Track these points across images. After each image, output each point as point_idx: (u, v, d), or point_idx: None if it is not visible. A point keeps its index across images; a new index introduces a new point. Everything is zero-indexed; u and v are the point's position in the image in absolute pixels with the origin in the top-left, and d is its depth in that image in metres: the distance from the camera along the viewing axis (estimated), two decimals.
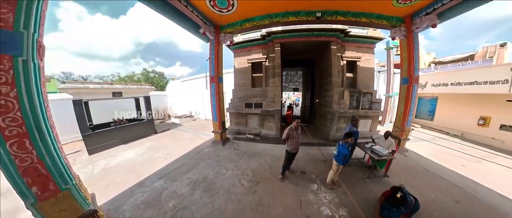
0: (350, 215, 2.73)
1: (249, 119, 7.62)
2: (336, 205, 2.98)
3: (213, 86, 6.04)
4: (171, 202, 2.94)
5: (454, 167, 4.52)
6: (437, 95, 9.04)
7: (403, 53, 5.26)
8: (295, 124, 3.52)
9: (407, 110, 5.26)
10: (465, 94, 7.42)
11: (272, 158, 4.96)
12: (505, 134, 6.25)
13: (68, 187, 1.87)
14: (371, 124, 7.09)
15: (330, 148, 5.85)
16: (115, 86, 6.54)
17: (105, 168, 4.42)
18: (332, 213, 2.78)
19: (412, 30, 4.86)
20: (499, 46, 12.86)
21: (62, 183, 1.82)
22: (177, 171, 4.07)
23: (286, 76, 17.51)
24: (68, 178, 1.89)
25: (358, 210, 2.83)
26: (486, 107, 6.90)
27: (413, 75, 5.04)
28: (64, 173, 1.84)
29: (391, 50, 9.63)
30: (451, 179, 3.86)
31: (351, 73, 7.36)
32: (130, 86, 7.10)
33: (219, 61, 5.98)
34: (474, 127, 7.24)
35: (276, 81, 7.16)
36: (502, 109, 6.38)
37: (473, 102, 7.36)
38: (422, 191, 3.27)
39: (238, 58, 8.04)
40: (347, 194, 3.25)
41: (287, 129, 3.50)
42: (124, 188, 3.40)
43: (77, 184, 2.01)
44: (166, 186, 3.41)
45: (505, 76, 5.79)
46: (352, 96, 6.82)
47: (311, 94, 10.42)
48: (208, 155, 5.18)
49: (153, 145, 6.31)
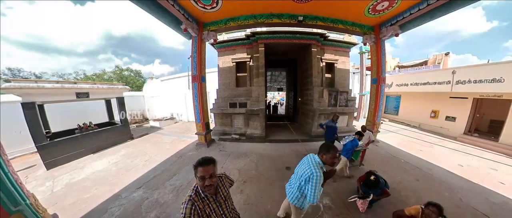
0: (332, 203, 2.97)
1: (234, 119, 7.52)
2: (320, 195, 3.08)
3: (196, 86, 5.78)
4: (153, 212, 2.66)
5: (414, 152, 5.42)
6: (400, 94, 10.72)
7: (373, 57, 6.05)
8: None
9: (377, 106, 6.04)
10: (421, 93, 8.98)
11: (258, 157, 4.95)
12: (449, 123, 7.89)
13: (19, 209, 1.53)
14: (347, 119, 7.84)
15: (313, 143, 6.27)
16: (79, 86, 5.59)
17: (69, 183, 3.82)
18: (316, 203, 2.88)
19: (380, 37, 5.69)
20: (444, 54, 16.19)
21: (11, 204, 1.47)
22: (158, 178, 3.73)
23: (270, 76, 17.89)
24: (20, 198, 1.54)
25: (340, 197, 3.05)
26: (436, 103, 8.48)
27: (381, 76, 5.87)
28: (13, 192, 1.49)
29: (363, 54, 10.91)
30: (412, 162, 4.66)
31: (329, 74, 8.00)
32: (100, 86, 6.23)
33: (201, 60, 5.76)
34: (428, 119, 8.83)
35: (260, 81, 7.23)
36: (447, 104, 7.99)
37: (426, 99, 8.93)
38: (391, 174, 3.84)
39: (222, 57, 7.90)
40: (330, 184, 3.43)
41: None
42: (95, 204, 2.98)
43: (32, 204, 1.66)
44: (146, 196, 3.09)
45: (448, 78, 7.29)
46: (330, 95, 7.41)
47: (294, 94, 10.83)
48: (192, 158, 4.89)
49: (130, 152, 5.73)
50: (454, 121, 7.67)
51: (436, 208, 1.82)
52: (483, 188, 3.41)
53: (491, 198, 3.08)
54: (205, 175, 1.20)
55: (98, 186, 3.63)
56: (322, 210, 2.80)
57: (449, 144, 6.48)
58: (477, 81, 6.29)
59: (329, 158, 1.72)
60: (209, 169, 1.22)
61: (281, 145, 6.16)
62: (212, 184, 1.25)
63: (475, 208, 2.81)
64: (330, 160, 1.72)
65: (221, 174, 1.55)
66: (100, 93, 6.33)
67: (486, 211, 2.74)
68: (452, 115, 7.78)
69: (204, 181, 1.21)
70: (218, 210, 1.40)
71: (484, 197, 3.11)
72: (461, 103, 7.40)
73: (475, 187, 3.47)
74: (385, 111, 12.09)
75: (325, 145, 1.79)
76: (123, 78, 21.33)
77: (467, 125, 7.26)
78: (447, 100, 7.91)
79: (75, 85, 5.46)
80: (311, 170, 1.70)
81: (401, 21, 4.97)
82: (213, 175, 1.24)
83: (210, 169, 1.22)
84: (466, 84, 6.65)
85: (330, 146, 1.76)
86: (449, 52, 15.71)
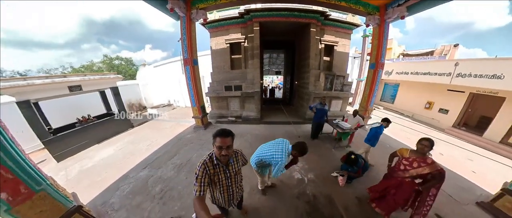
0: (316, 177, 3.36)
1: (230, 102, 7.62)
2: (306, 170, 3.57)
3: (188, 69, 5.68)
4: (158, 186, 3.07)
5: (402, 140, 5.75)
6: (399, 82, 10.59)
7: (374, 40, 5.65)
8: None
9: (371, 91, 5.96)
10: (419, 83, 8.87)
11: (252, 137, 5.31)
12: (441, 115, 8.07)
13: (42, 188, 1.84)
14: (341, 104, 7.83)
15: (305, 125, 6.51)
16: (70, 79, 5.57)
17: (81, 171, 4.23)
18: (302, 177, 3.38)
19: (384, 19, 5.21)
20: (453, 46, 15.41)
21: (34, 184, 1.77)
22: (161, 159, 4.11)
23: (269, 59, 17.21)
24: (41, 179, 1.84)
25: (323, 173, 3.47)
26: (432, 94, 8.51)
27: (379, 62, 5.58)
28: (33, 175, 1.78)
29: (367, 38, 10.28)
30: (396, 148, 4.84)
31: (328, 57, 7.58)
32: (91, 77, 6.21)
33: (192, 42, 5.47)
34: (422, 109, 8.95)
35: (255, 63, 7.00)
36: (443, 96, 8.04)
37: (424, 90, 8.90)
38: (376, 158, 4.10)
39: (215, 38, 7.45)
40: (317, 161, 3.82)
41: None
42: (107, 184, 3.37)
43: (53, 184, 1.98)
44: (151, 174, 3.49)
45: (449, 70, 7.08)
46: (327, 79, 7.29)
47: (291, 77, 10.67)
48: (190, 140, 5.24)
49: (133, 139, 6.10)
50: (446, 114, 7.80)
51: (429, 142, 2.07)
52: (456, 175, 3.70)
53: (460, 183, 3.39)
54: (222, 146, 1.30)
55: (107, 170, 4.03)
56: (306, 183, 3.20)
57: (436, 134, 6.78)
58: (477, 75, 6.17)
59: (297, 156, 2.10)
60: (227, 140, 1.31)
61: (275, 127, 6.51)
62: (227, 154, 1.34)
63: (442, 189, 3.11)
64: (296, 158, 2.18)
65: (238, 150, 1.65)
66: (92, 84, 6.38)
67: (451, 192, 3.04)
68: (445, 107, 7.87)
69: (221, 151, 1.32)
70: (225, 181, 1.54)
71: (454, 182, 3.38)
72: (457, 97, 7.41)
73: (449, 173, 3.72)
74: (382, 98, 12.08)
75: (300, 145, 2.03)
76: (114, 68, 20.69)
77: (458, 118, 7.42)
78: (444, 92, 7.91)
79: (65, 78, 5.47)
80: (281, 156, 2.05)
81: (409, 2, 4.59)
82: (230, 147, 1.34)
83: (228, 141, 1.31)
84: (466, 78, 6.54)
85: (304, 148, 2.03)
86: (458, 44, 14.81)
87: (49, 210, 1.91)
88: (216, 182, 1.51)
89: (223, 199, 1.67)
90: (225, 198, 1.67)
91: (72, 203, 2.13)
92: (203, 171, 1.35)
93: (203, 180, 1.32)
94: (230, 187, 1.61)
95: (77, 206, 2.15)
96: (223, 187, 1.57)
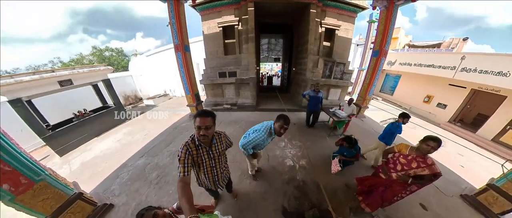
0: (307, 164, 3.48)
1: (225, 89, 7.53)
2: (298, 157, 3.72)
3: (179, 56, 5.47)
4: (155, 172, 3.27)
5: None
6: (401, 73, 10.28)
7: (380, 25, 5.28)
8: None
9: (372, 80, 5.77)
10: (421, 75, 8.62)
11: (247, 123, 5.45)
12: (438, 109, 7.99)
13: (42, 178, 1.98)
14: (340, 93, 7.63)
15: (301, 113, 6.52)
16: (59, 73, 5.44)
17: (83, 163, 4.42)
18: (294, 163, 3.52)
19: (394, 1, 4.77)
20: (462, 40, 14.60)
21: (33, 175, 1.92)
22: (157, 147, 4.29)
23: (267, 45, 16.51)
24: (39, 170, 1.98)
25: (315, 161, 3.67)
26: (433, 88, 8.32)
27: (383, 49, 5.24)
28: (31, 166, 1.91)
29: (373, 24, 9.56)
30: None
31: (328, 42, 7.11)
32: (80, 71, 6.06)
33: (182, 25, 5.16)
34: (420, 103, 8.81)
35: (250, 47, 6.63)
36: (443, 90, 7.86)
37: (425, 83, 8.68)
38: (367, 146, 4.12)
39: (207, 22, 6.97)
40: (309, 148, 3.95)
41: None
42: (107, 173, 3.58)
43: (52, 174, 2.12)
44: (148, 161, 3.68)
45: (454, 63, 6.84)
46: (326, 65, 7.00)
47: (289, 63, 10.30)
48: (186, 128, 5.39)
49: (130, 130, 6.24)
50: (444, 109, 7.72)
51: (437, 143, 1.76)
52: (444, 167, 3.79)
53: (447, 176, 3.41)
54: (201, 125, 1.31)
55: (107, 160, 4.22)
56: (297, 169, 3.35)
57: (431, 128, 6.88)
58: (482, 71, 5.96)
59: (277, 126, 1.98)
60: (206, 121, 1.32)
61: (270, 114, 6.57)
62: (206, 135, 1.34)
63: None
64: (278, 129, 1.98)
65: (221, 132, 1.69)
66: (83, 78, 6.30)
67: (438, 184, 3.02)
68: (444, 102, 7.76)
69: (200, 131, 1.32)
70: (209, 162, 1.57)
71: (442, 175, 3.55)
72: (457, 92, 7.26)
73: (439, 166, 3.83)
74: (382, 89, 11.87)
75: (281, 116, 1.97)
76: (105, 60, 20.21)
77: (455, 114, 7.36)
78: (445, 87, 7.73)
79: (53, 73, 5.37)
80: (261, 130, 2.10)
81: None
82: (209, 127, 1.34)
83: (207, 121, 1.32)
84: (471, 73, 6.33)
85: (280, 115, 1.97)
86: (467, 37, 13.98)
87: (51, 198, 2.08)
88: (200, 164, 1.53)
89: (208, 180, 1.74)
90: (210, 179, 1.73)
91: (73, 191, 2.31)
92: (185, 152, 1.37)
93: (186, 161, 1.34)
94: (214, 168, 1.65)
95: (78, 193, 2.33)
96: (207, 168, 1.61)
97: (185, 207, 1.04)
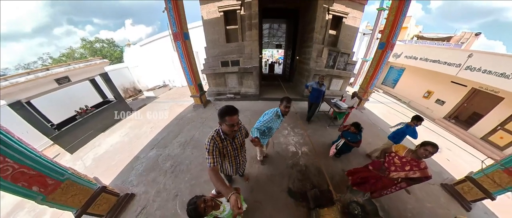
0: (309, 151, 3.74)
1: (228, 78, 7.37)
2: (301, 144, 3.96)
3: (179, 45, 5.20)
4: (168, 162, 3.44)
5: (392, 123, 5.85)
6: (405, 66, 9.88)
7: (390, 16, 4.92)
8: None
9: (375, 73, 5.61)
10: (425, 70, 8.32)
11: (252, 113, 5.55)
12: (436, 105, 7.94)
13: (66, 177, 2.10)
14: (342, 84, 7.51)
15: (303, 102, 6.57)
16: (54, 71, 5.20)
17: (95, 158, 4.56)
18: (296, 150, 3.77)
19: None
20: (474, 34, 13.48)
21: (58, 175, 2.02)
22: (166, 139, 4.41)
23: (269, 30, 15.66)
24: (62, 170, 2.08)
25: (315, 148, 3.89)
26: (434, 84, 8.14)
27: (390, 42, 5.04)
28: (54, 168, 2.01)
29: (382, 12, 8.90)
30: (386, 130, 5.14)
31: (334, 31, 6.82)
32: (76, 66, 5.82)
33: (179, 12, 4.80)
34: (420, 98, 8.71)
35: (254, 35, 6.28)
36: (444, 87, 7.69)
37: (427, 78, 8.47)
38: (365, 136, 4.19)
39: (206, 5, 6.36)
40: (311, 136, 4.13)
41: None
42: (122, 166, 3.74)
43: (74, 173, 2.24)
44: (160, 153, 3.83)
45: (460, 61, 6.58)
46: (330, 55, 6.81)
47: (293, 51, 9.85)
48: (191, 119, 5.46)
49: (135, 124, 6.32)
50: (442, 105, 7.65)
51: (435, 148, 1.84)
52: (431, 159, 3.81)
53: (433, 167, 3.65)
54: (234, 123, 1.44)
55: (118, 154, 4.36)
56: (300, 155, 3.56)
57: (426, 123, 6.78)
58: (486, 71, 5.75)
59: (282, 107, 2.27)
60: (236, 118, 1.46)
61: (274, 103, 6.53)
62: (238, 129, 1.56)
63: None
64: (283, 109, 2.28)
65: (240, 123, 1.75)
66: (79, 74, 6.14)
67: None
68: (443, 98, 7.68)
69: (234, 127, 1.46)
70: (233, 152, 1.76)
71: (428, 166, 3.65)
72: (458, 89, 7.11)
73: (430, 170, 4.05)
74: (384, 82, 11.49)
75: (282, 98, 2.27)
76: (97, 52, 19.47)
77: (452, 111, 7.31)
78: (446, 84, 7.56)
79: (48, 71, 5.17)
80: (270, 113, 2.39)
81: None
82: (239, 122, 1.53)
83: (237, 117, 1.46)
84: (475, 72, 6.10)
85: (283, 98, 2.25)
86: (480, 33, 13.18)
87: (79, 193, 2.23)
88: (225, 154, 1.71)
89: (232, 168, 1.96)
90: (233, 167, 1.95)
91: (96, 186, 2.45)
92: (213, 145, 1.51)
93: (214, 153, 1.50)
94: (237, 157, 1.85)
95: (102, 186, 2.48)
96: (232, 158, 1.80)
97: (222, 189, 1.20)
